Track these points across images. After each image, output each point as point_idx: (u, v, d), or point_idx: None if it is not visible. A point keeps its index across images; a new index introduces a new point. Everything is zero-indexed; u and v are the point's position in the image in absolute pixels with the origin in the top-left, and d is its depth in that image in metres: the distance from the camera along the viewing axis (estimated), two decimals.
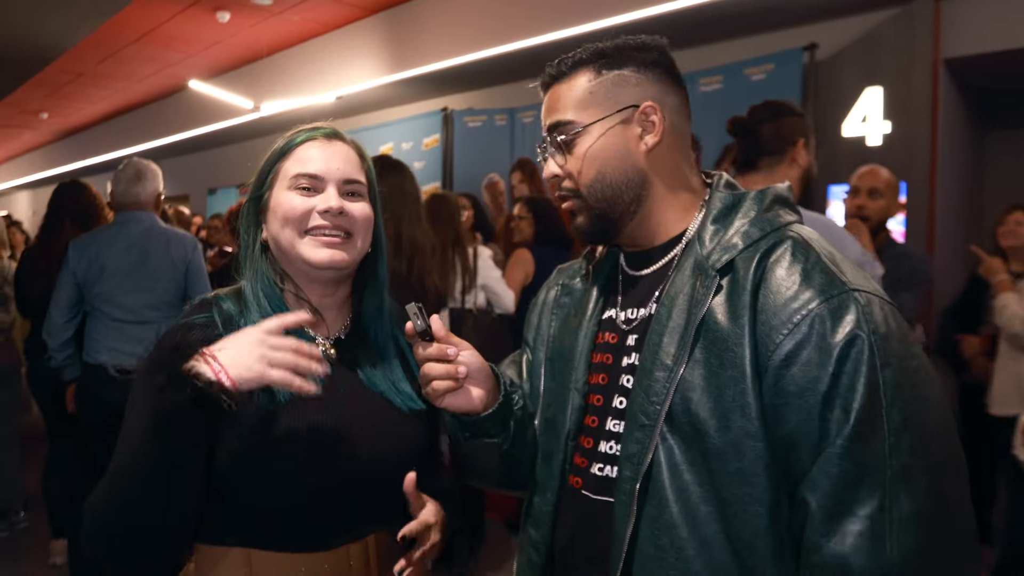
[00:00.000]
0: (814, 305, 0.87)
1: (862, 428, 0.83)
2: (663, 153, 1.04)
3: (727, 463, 0.89)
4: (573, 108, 1.04)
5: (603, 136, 1.03)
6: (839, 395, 0.84)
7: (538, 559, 1.10)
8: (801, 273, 0.90)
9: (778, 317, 0.88)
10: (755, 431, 0.88)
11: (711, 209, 1.03)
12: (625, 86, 1.03)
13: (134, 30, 6.70)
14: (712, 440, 0.90)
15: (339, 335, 1.21)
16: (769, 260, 0.93)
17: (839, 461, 0.83)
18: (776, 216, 0.99)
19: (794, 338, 0.86)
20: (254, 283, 1.15)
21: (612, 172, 1.03)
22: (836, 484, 0.83)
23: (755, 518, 0.88)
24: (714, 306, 0.93)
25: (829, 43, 4.43)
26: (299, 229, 1.12)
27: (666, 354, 0.94)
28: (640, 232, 1.07)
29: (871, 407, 0.83)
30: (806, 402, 0.85)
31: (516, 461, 1.16)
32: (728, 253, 0.96)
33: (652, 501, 0.93)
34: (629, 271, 1.11)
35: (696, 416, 0.91)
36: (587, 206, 1.05)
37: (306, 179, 1.13)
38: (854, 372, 0.84)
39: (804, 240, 0.95)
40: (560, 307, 1.21)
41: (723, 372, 0.90)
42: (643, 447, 0.94)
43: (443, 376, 1.04)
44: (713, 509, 0.90)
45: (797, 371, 0.86)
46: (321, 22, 6.61)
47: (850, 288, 0.88)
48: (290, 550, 1.07)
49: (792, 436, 0.86)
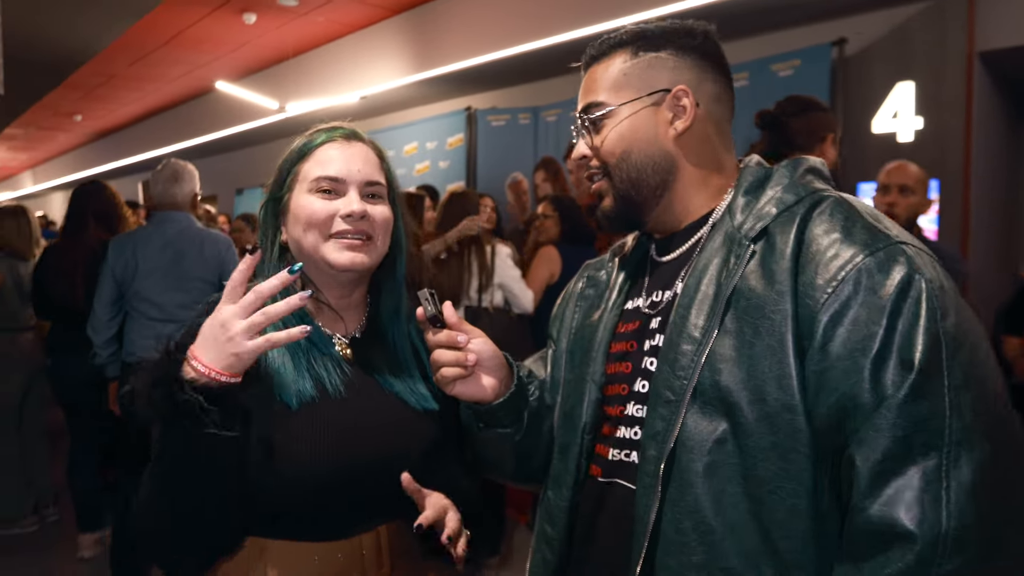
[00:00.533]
0: (859, 259, 0.82)
1: (921, 380, 0.76)
2: (694, 139, 1.01)
3: (761, 439, 0.84)
4: (606, 89, 1.02)
5: (631, 118, 1.01)
6: (895, 350, 0.78)
7: (552, 556, 1.08)
8: (842, 230, 0.85)
9: (821, 277, 0.83)
10: (794, 404, 0.82)
11: (742, 184, 1.00)
12: (660, 69, 1.01)
13: (163, 33, 6.81)
14: (743, 415, 0.85)
15: (355, 334, 1.22)
16: (808, 222, 0.88)
17: (893, 417, 0.76)
18: (810, 183, 0.96)
19: (839, 297, 0.81)
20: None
21: (638, 154, 1.01)
22: (888, 441, 0.76)
23: (792, 496, 0.82)
24: (747, 274, 0.89)
25: (858, 38, 4.34)
26: (323, 233, 1.12)
27: (694, 326, 0.91)
28: (667, 217, 1.05)
29: (932, 358, 0.77)
30: (856, 363, 0.79)
31: (530, 453, 1.14)
32: (762, 221, 0.92)
33: (675, 483, 0.88)
34: (657, 258, 1.09)
35: (727, 390, 0.86)
36: (613, 186, 1.03)
37: (327, 182, 1.13)
38: (911, 322, 0.78)
39: (844, 198, 0.91)
40: (584, 299, 1.19)
41: (758, 342, 0.85)
42: (668, 424, 0.89)
43: (452, 363, 1.04)
44: (741, 490, 0.85)
45: (845, 332, 0.80)
46: (345, 23, 6.65)
47: (897, 241, 0.84)
48: (303, 540, 1.08)
49: (841, 403, 0.80)
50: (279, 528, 1.08)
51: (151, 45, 7.20)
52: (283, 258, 1.18)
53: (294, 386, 1.08)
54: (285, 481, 1.06)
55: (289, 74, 7.55)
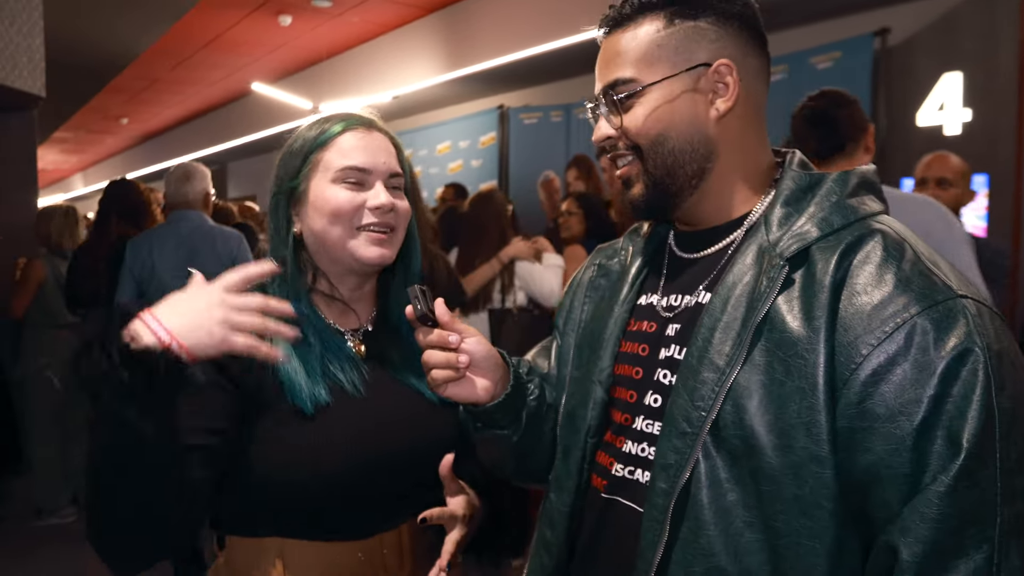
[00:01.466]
0: (913, 311, 0.73)
1: (972, 464, 0.68)
2: (735, 122, 0.90)
3: (783, 488, 0.75)
4: (635, 63, 0.90)
5: (668, 98, 0.89)
6: (943, 422, 0.69)
7: (549, 561, 1.02)
8: (896, 273, 0.76)
9: (866, 324, 0.74)
10: (823, 456, 0.74)
11: (782, 190, 0.88)
12: (700, 40, 0.88)
13: (202, 36, 6.94)
14: (767, 459, 0.76)
15: (367, 327, 1.19)
16: (856, 256, 0.78)
17: (941, 503, 0.68)
18: (861, 204, 0.84)
19: (886, 350, 0.72)
20: (286, 285, 1.11)
21: (676, 138, 0.89)
22: (936, 531, 0.69)
23: (810, 555, 0.74)
24: (780, 303, 0.80)
25: (902, 27, 4.17)
26: (351, 225, 1.09)
27: (718, 353, 0.81)
28: (699, 209, 0.94)
29: (984, 439, 0.68)
30: (898, 428, 0.71)
31: (528, 453, 1.09)
32: (800, 241, 0.81)
33: (688, 522, 0.80)
34: (679, 252, 0.99)
35: (750, 429, 0.77)
36: (645, 171, 0.92)
37: (354, 172, 1.10)
38: (965, 395, 0.69)
39: (897, 235, 0.80)
40: (595, 289, 1.10)
41: (788, 381, 0.76)
42: (682, 458, 0.81)
43: (443, 365, 0.97)
44: (760, 537, 0.77)
45: (888, 390, 0.72)
46: (379, 23, 6.68)
47: (957, 294, 0.74)
48: (322, 539, 1.06)
49: (875, 468, 0.72)
50: (296, 527, 1.06)
51: (191, 49, 7.35)
52: (297, 250, 1.13)
53: (308, 391, 1.05)
54: (303, 484, 1.03)
55: (323, 75, 7.63)
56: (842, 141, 2.01)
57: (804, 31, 4.67)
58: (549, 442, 1.11)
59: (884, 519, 0.72)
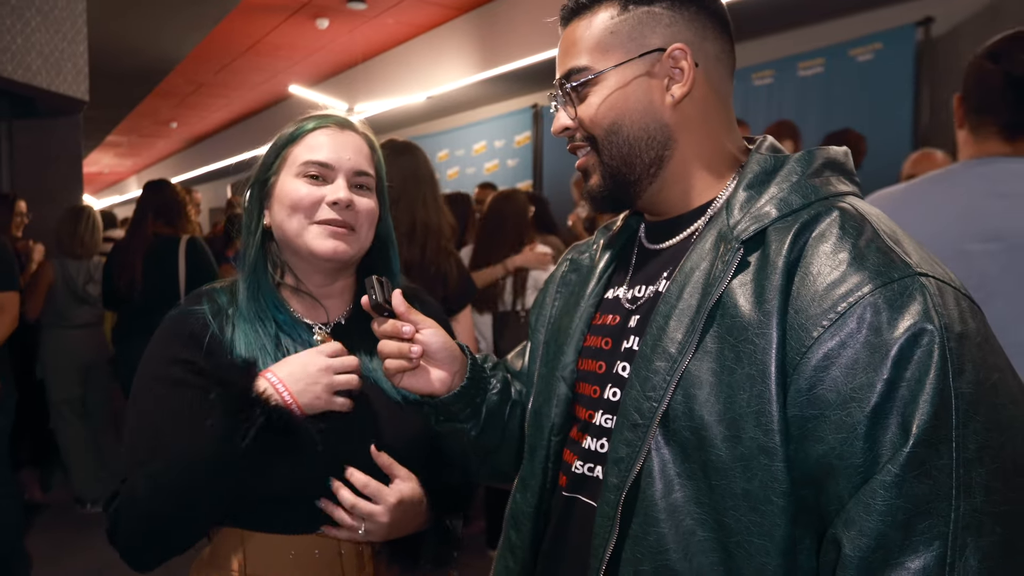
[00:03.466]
0: (866, 290, 0.68)
1: (923, 452, 0.63)
2: (693, 107, 0.87)
3: (733, 482, 0.71)
4: (589, 51, 0.88)
5: (621, 84, 0.86)
6: (897, 408, 0.64)
7: (514, 564, 0.99)
8: (851, 251, 0.71)
9: (817, 305, 0.69)
10: (772, 447, 0.69)
11: (746, 173, 0.84)
12: (654, 25, 0.86)
13: (243, 41, 7.10)
14: (716, 451, 0.72)
15: (339, 320, 1.19)
16: (811, 234, 0.74)
17: (888, 494, 0.63)
18: (825, 183, 0.80)
19: (837, 333, 0.67)
20: (249, 277, 1.14)
21: (630, 126, 0.87)
22: (881, 524, 0.64)
23: (761, 554, 0.70)
24: (735, 286, 0.76)
25: (946, 16, 4.01)
26: (307, 218, 1.10)
27: (670, 340, 0.78)
28: (661, 199, 0.91)
29: (938, 426, 0.63)
30: (850, 416, 0.66)
31: (492, 450, 1.07)
32: (758, 222, 0.78)
33: (638, 517, 0.77)
34: (647, 244, 0.96)
35: (700, 420, 0.74)
36: (601, 162, 0.90)
37: (316, 167, 1.11)
38: (919, 378, 0.64)
39: (858, 212, 0.75)
40: (565, 285, 1.07)
41: (738, 368, 0.72)
42: (633, 451, 0.78)
43: (395, 355, 0.98)
44: (711, 535, 0.73)
45: (839, 375, 0.67)
46: (414, 24, 6.73)
47: (916, 271, 0.69)
48: (282, 532, 1.07)
49: (826, 459, 0.67)
50: (257, 520, 1.07)
51: (233, 53, 7.52)
52: (263, 246, 1.15)
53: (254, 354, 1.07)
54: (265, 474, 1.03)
55: (359, 77, 7.72)
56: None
57: (843, 23, 4.51)
58: (515, 440, 1.08)
59: (835, 513, 0.67)
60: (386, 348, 0.98)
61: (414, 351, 0.97)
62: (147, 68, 6.54)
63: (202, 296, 1.15)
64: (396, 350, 0.97)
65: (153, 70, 6.77)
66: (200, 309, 1.12)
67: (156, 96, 8.81)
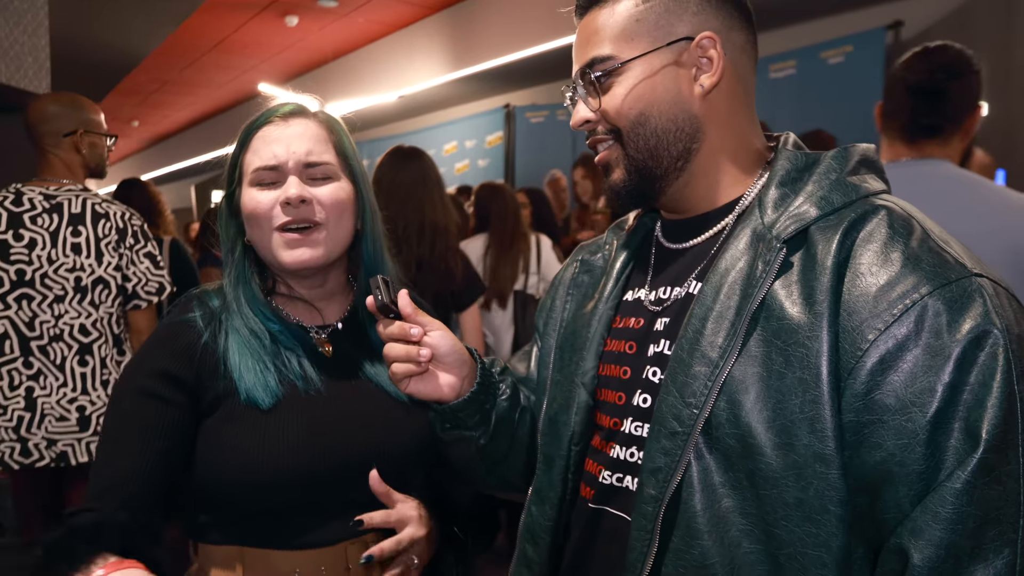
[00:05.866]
0: (924, 291, 0.66)
1: (992, 458, 0.62)
2: (721, 99, 0.85)
3: (785, 491, 0.69)
4: (613, 40, 0.84)
5: (648, 74, 0.83)
6: (960, 413, 0.63)
7: None
8: (904, 251, 0.69)
9: (872, 307, 0.67)
10: (828, 454, 0.67)
11: (777, 170, 0.82)
12: (681, 13, 0.83)
13: (210, 38, 6.95)
14: (766, 460, 0.70)
15: (336, 324, 1.14)
16: (859, 234, 0.72)
17: (957, 502, 0.62)
18: (863, 181, 0.78)
19: (894, 335, 0.66)
20: (236, 288, 1.09)
21: (658, 117, 0.83)
22: (951, 533, 0.62)
23: (817, 566, 0.67)
24: (778, 288, 0.73)
25: (915, 20, 4.10)
26: (268, 228, 1.04)
27: (710, 344, 0.75)
28: (686, 195, 0.88)
29: (1007, 431, 0.62)
30: (911, 421, 0.64)
31: (500, 458, 1.03)
32: (799, 222, 0.75)
33: (679, 531, 0.74)
34: (666, 243, 0.93)
35: (747, 427, 0.71)
36: (626, 155, 0.86)
37: (264, 173, 1.05)
38: (984, 382, 0.63)
39: (904, 211, 0.74)
40: (577, 287, 1.03)
41: (788, 373, 0.70)
42: (672, 460, 0.74)
43: (403, 358, 0.92)
44: (759, 547, 0.70)
45: (898, 379, 0.65)
46: (385, 22, 6.66)
47: (972, 273, 0.67)
48: (285, 548, 1.01)
49: (885, 466, 0.65)
50: (258, 535, 1.01)
51: (199, 50, 7.36)
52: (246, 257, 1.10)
53: (261, 389, 1.01)
54: (256, 486, 0.99)
55: (330, 76, 7.62)
56: (943, 120, 1.63)
57: (814, 25, 4.60)
58: (524, 448, 1.04)
59: (894, 521, 0.66)
60: (393, 351, 0.93)
61: (423, 354, 0.92)
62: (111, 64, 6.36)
63: (193, 300, 1.10)
64: (404, 353, 0.92)
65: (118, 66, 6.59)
66: (193, 317, 1.06)
67: (118, 93, 8.56)
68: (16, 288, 2.04)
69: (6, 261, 2.04)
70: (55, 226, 2.08)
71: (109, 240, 2.11)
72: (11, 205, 2.08)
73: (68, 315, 2.07)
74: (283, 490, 1.00)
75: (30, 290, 2.05)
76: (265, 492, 0.99)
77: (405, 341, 0.93)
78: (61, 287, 2.06)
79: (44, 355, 2.06)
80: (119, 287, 2.13)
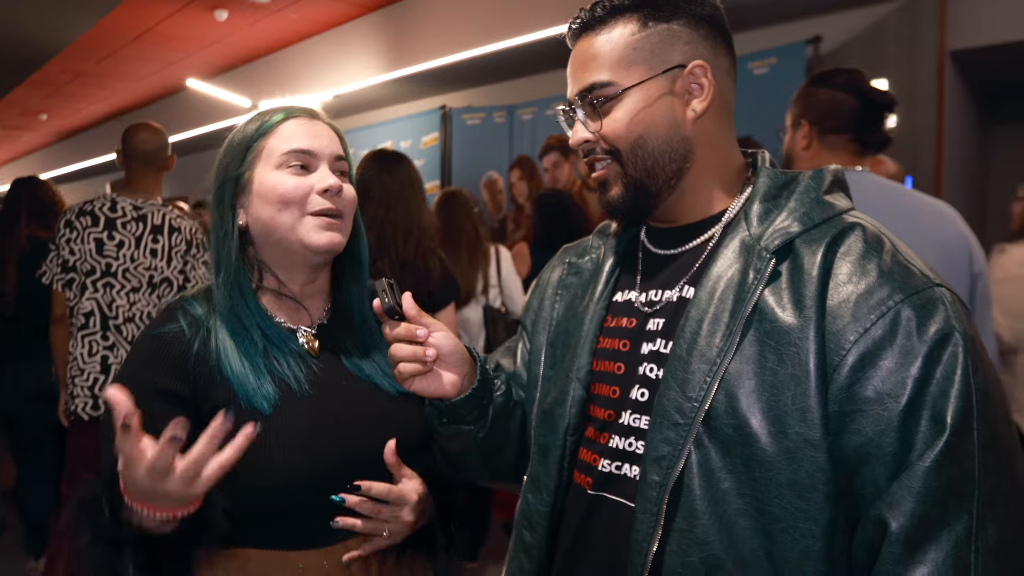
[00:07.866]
0: (897, 299, 0.78)
1: (954, 440, 0.73)
2: (710, 121, 0.94)
3: (779, 473, 0.78)
4: (611, 66, 0.91)
5: (647, 101, 0.91)
6: (928, 402, 0.75)
7: (529, 565, 1.01)
8: (879, 264, 0.81)
9: (853, 313, 0.78)
10: (816, 440, 0.77)
11: (759, 187, 0.92)
12: (674, 42, 0.91)
13: (131, 29, 6.65)
14: (760, 446, 0.79)
15: (321, 321, 1.16)
16: (839, 248, 0.83)
17: (927, 478, 0.73)
18: (836, 200, 0.90)
19: (872, 337, 0.77)
20: (230, 284, 1.08)
21: (655, 140, 0.92)
22: (922, 504, 0.73)
23: (806, 537, 0.77)
24: (767, 294, 0.83)
25: (833, 36, 4.36)
26: (300, 212, 1.06)
27: (707, 344, 0.84)
28: (676, 208, 0.97)
29: (966, 417, 0.74)
30: (886, 410, 0.75)
31: (494, 451, 1.09)
32: (784, 235, 0.85)
33: (682, 512, 0.82)
34: (654, 249, 1.01)
35: (743, 418, 0.80)
36: (624, 174, 0.94)
37: (299, 155, 1.07)
38: (947, 376, 0.75)
39: (875, 229, 0.86)
40: (566, 288, 1.10)
41: (781, 369, 0.80)
42: (675, 449, 0.83)
43: (409, 358, 0.98)
44: (754, 523, 0.79)
45: (876, 374, 0.76)
46: (319, 20, 6.55)
47: (934, 283, 0.80)
48: (287, 548, 1.03)
49: (864, 449, 0.76)
50: (259, 536, 1.03)
51: (119, 42, 7.03)
52: (243, 243, 1.10)
53: (259, 392, 1.03)
54: (259, 490, 1.01)
55: (261, 72, 7.44)
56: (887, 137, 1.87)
57: (743, 37, 4.83)
58: (516, 440, 1.11)
59: (871, 495, 0.77)
60: (399, 352, 0.98)
61: (428, 355, 0.98)
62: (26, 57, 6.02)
63: (175, 311, 1.09)
64: (411, 354, 0.98)
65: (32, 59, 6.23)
66: (179, 327, 1.06)
67: (27, 85, 8.08)
68: (103, 277, 2.57)
69: (100, 255, 2.57)
70: (140, 232, 2.61)
71: (179, 249, 2.65)
72: (108, 211, 2.59)
73: (140, 303, 2.59)
74: (287, 491, 1.02)
75: (113, 280, 2.57)
76: (270, 494, 1.01)
77: (411, 342, 0.98)
78: (137, 281, 2.59)
79: (118, 332, 2.57)
80: (180, 286, 2.64)
